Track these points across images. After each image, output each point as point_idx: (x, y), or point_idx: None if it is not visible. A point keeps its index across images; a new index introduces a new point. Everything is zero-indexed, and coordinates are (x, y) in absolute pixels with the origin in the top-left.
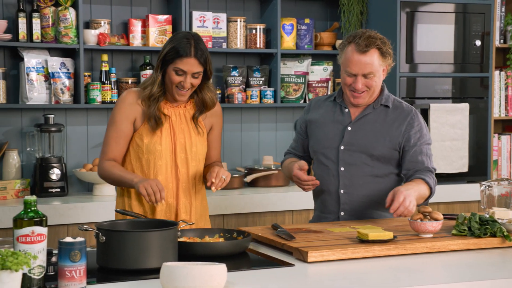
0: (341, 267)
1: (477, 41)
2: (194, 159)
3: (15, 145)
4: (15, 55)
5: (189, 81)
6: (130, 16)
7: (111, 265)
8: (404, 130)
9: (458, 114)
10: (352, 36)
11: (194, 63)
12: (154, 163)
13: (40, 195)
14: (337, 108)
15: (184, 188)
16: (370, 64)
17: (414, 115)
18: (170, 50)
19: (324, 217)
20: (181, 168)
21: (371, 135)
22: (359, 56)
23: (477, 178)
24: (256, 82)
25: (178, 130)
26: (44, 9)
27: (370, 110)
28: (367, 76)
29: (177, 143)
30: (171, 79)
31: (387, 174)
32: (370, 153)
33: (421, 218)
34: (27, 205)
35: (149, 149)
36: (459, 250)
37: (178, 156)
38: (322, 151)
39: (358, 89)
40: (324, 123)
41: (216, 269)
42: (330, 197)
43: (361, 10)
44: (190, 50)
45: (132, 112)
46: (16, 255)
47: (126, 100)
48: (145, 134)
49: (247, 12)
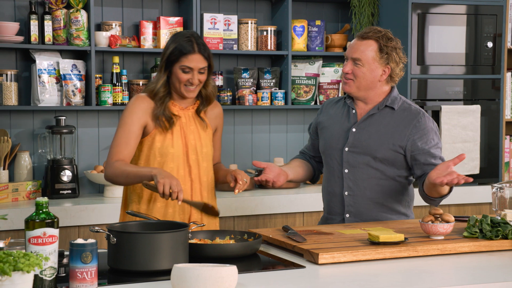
0: (352, 269)
1: (489, 42)
2: (205, 160)
3: (26, 147)
4: (27, 57)
5: (197, 77)
6: (141, 18)
7: (122, 266)
8: (409, 134)
9: (470, 116)
10: None
11: (199, 59)
12: (167, 166)
13: (51, 196)
14: (345, 109)
15: (196, 189)
16: (361, 51)
17: (420, 117)
18: (173, 50)
19: (331, 218)
20: (194, 169)
21: (375, 137)
22: (356, 41)
23: (489, 180)
24: (267, 84)
25: (188, 131)
26: (56, 11)
27: (374, 111)
28: (355, 63)
29: (189, 145)
30: (179, 78)
31: (391, 177)
32: (373, 155)
33: (432, 220)
34: (39, 206)
35: (161, 152)
36: (470, 252)
37: (190, 157)
38: (329, 152)
39: (345, 71)
40: (331, 124)
41: (227, 271)
42: (335, 198)
43: (372, 11)
44: (193, 47)
45: (144, 116)
46: (28, 256)
47: (137, 103)
48: (157, 137)
49: (258, 14)
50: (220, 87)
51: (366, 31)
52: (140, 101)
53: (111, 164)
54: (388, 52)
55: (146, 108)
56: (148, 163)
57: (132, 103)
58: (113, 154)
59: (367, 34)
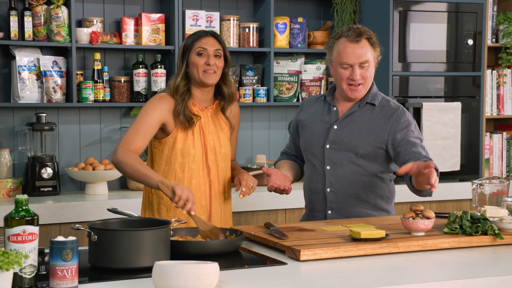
0: (333, 266)
1: (469, 40)
2: (223, 160)
3: (6, 144)
4: (7, 54)
5: (213, 60)
6: (122, 14)
7: (103, 264)
8: (389, 128)
9: (450, 113)
10: (339, 32)
11: (213, 41)
12: (189, 167)
13: (32, 194)
14: (326, 107)
15: (216, 190)
16: (364, 54)
17: (400, 112)
18: (188, 40)
19: (313, 215)
20: (213, 170)
21: (357, 134)
22: (352, 46)
23: (469, 177)
24: (249, 81)
25: (207, 131)
26: (36, 7)
27: (356, 108)
28: (363, 66)
29: (208, 145)
30: (196, 63)
31: (373, 173)
32: (355, 151)
33: (413, 216)
34: (19, 204)
35: (183, 153)
36: (450, 248)
37: (209, 158)
38: (310, 149)
39: (356, 79)
40: (312, 122)
41: (209, 268)
42: (317, 195)
43: (354, 9)
44: (206, 32)
45: (164, 114)
46: (7, 254)
47: (159, 101)
48: (179, 138)
49: (240, 11)
50: None
51: (354, 35)
52: (161, 99)
53: (126, 151)
54: (377, 43)
55: (166, 107)
56: (169, 164)
57: (153, 100)
58: (128, 141)
59: (358, 36)
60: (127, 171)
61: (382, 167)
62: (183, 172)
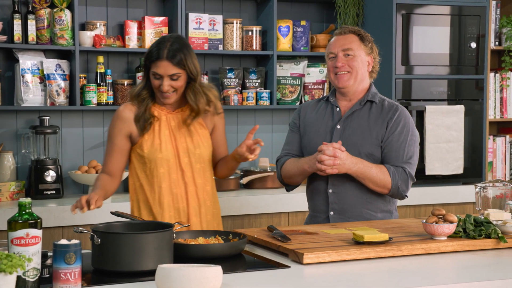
0: (336, 269)
1: (473, 43)
2: (199, 162)
3: (10, 147)
4: (10, 57)
5: (167, 83)
6: (126, 18)
7: (106, 267)
8: (386, 126)
9: (454, 116)
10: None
11: (167, 65)
12: (157, 171)
13: (35, 197)
14: (328, 108)
15: (192, 192)
16: (349, 42)
17: (395, 110)
18: (147, 55)
19: (316, 216)
20: (187, 172)
21: (358, 133)
22: (338, 37)
23: (472, 180)
24: (252, 84)
25: (179, 134)
26: (40, 11)
27: (357, 106)
28: (347, 54)
29: (180, 148)
30: (153, 84)
31: None
32: (358, 150)
33: (436, 221)
34: (22, 207)
35: (150, 158)
36: (454, 252)
37: (182, 160)
38: (314, 151)
39: (340, 66)
40: (316, 122)
41: (212, 271)
42: (319, 196)
43: (357, 12)
44: (162, 52)
45: (126, 126)
46: (10, 257)
47: (120, 114)
48: (144, 144)
49: (243, 14)
50: None
51: (343, 28)
52: (122, 111)
53: (100, 175)
54: (369, 41)
55: (127, 117)
56: (141, 170)
57: (115, 115)
58: (104, 165)
59: (345, 30)
60: None
61: None
62: (152, 177)
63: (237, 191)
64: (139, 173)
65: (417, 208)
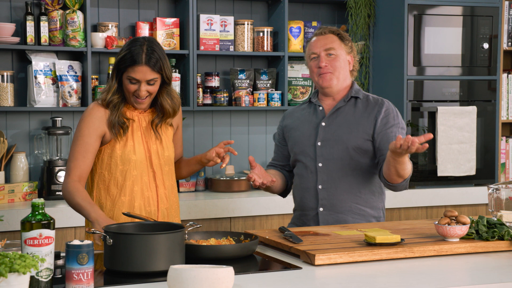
0: (348, 270)
1: (485, 44)
2: (167, 164)
3: (23, 148)
4: (23, 58)
5: (144, 88)
6: (137, 19)
7: (118, 268)
8: (373, 119)
9: (466, 117)
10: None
11: (146, 70)
12: (130, 174)
13: (47, 197)
14: (311, 109)
15: (162, 194)
16: (330, 42)
17: (381, 103)
18: (122, 58)
19: (304, 214)
20: (158, 174)
21: (345, 127)
22: (319, 37)
23: (485, 181)
24: (263, 85)
25: (149, 136)
26: (52, 12)
27: (341, 104)
28: (329, 54)
29: (151, 150)
30: (127, 88)
31: (364, 167)
32: (345, 145)
33: (449, 222)
34: (35, 208)
35: (123, 160)
36: (466, 253)
37: (153, 162)
38: (301, 149)
39: (323, 66)
40: (300, 124)
41: (224, 272)
42: (308, 193)
43: (368, 13)
44: (141, 57)
45: (100, 125)
46: (24, 257)
47: (93, 113)
48: (118, 145)
49: (254, 15)
50: (217, 88)
51: (322, 29)
52: (95, 110)
53: (66, 184)
54: (349, 40)
55: (101, 117)
56: (110, 172)
57: (88, 113)
58: (70, 170)
59: (324, 30)
60: (71, 205)
61: (373, 161)
62: (124, 180)
63: (248, 192)
64: (107, 175)
65: (429, 209)
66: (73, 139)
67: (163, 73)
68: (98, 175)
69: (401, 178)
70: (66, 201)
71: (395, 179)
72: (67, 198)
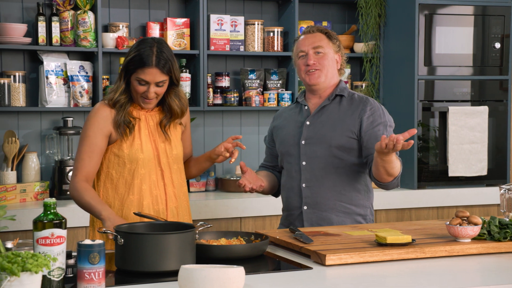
0: (359, 271)
1: (497, 43)
2: (176, 162)
3: (34, 148)
4: (35, 59)
5: (153, 90)
6: (148, 19)
7: (129, 267)
8: (357, 117)
9: (477, 117)
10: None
11: (156, 72)
12: (138, 172)
13: (58, 197)
14: (297, 109)
15: (170, 192)
16: (318, 40)
17: (365, 100)
18: (132, 59)
19: (290, 214)
20: (166, 172)
21: (329, 126)
22: (307, 35)
23: (497, 182)
24: (273, 85)
25: (157, 134)
26: (63, 13)
27: (326, 102)
28: (317, 52)
29: (159, 148)
30: (135, 88)
31: (348, 165)
32: (329, 143)
33: (460, 223)
34: (47, 207)
35: (131, 159)
36: (478, 254)
37: (161, 161)
38: (286, 149)
39: (311, 64)
40: (286, 124)
41: (234, 272)
42: (293, 193)
43: (379, 12)
44: (151, 59)
45: (106, 125)
46: (36, 257)
47: (99, 113)
48: (125, 144)
49: (264, 15)
50: (227, 88)
51: (310, 27)
52: (101, 110)
53: (74, 184)
54: (337, 39)
55: (107, 117)
56: (117, 170)
57: (94, 113)
58: (77, 170)
59: (313, 29)
60: (79, 205)
61: (358, 160)
62: (132, 178)
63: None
64: (115, 175)
65: (439, 209)
66: (79, 139)
67: (172, 75)
68: (105, 175)
69: (391, 177)
70: (75, 201)
71: (385, 178)
72: (76, 198)
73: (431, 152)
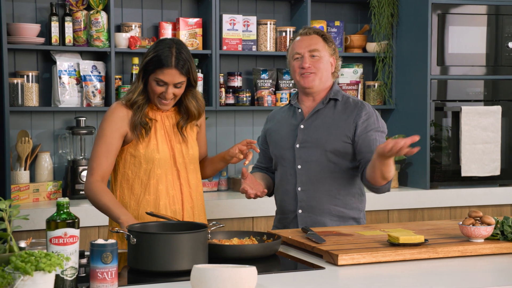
0: (371, 271)
1: (510, 43)
2: (192, 162)
3: (47, 148)
4: (48, 59)
5: (171, 91)
6: (160, 19)
7: (142, 267)
8: (352, 121)
9: (490, 116)
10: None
11: (175, 73)
12: (154, 172)
13: (71, 197)
14: (291, 111)
15: (186, 193)
16: (314, 43)
17: (361, 105)
18: (150, 60)
19: (284, 218)
20: (182, 173)
21: (323, 130)
22: (303, 37)
23: (510, 182)
24: (286, 85)
25: (173, 134)
26: (76, 13)
27: (320, 106)
28: (313, 55)
29: (175, 148)
30: (153, 89)
31: (343, 169)
32: (324, 147)
33: (473, 223)
34: (60, 207)
35: (147, 159)
36: (491, 254)
37: (177, 161)
38: (280, 152)
39: (306, 67)
40: (279, 127)
41: (247, 272)
42: (288, 196)
43: (391, 12)
44: (171, 60)
45: (123, 125)
46: (49, 256)
47: (116, 113)
48: (141, 144)
49: (277, 15)
50: (239, 88)
51: (307, 29)
52: (118, 110)
53: (90, 184)
54: (332, 42)
55: (124, 117)
56: (133, 171)
57: (110, 112)
58: (92, 170)
59: (309, 30)
60: (94, 205)
61: (353, 164)
62: (148, 178)
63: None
64: (131, 175)
65: (452, 210)
66: (95, 139)
67: (190, 76)
68: (121, 175)
69: (385, 180)
70: (90, 201)
71: (379, 182)
72: (92, 199)
73: (444, 152)
